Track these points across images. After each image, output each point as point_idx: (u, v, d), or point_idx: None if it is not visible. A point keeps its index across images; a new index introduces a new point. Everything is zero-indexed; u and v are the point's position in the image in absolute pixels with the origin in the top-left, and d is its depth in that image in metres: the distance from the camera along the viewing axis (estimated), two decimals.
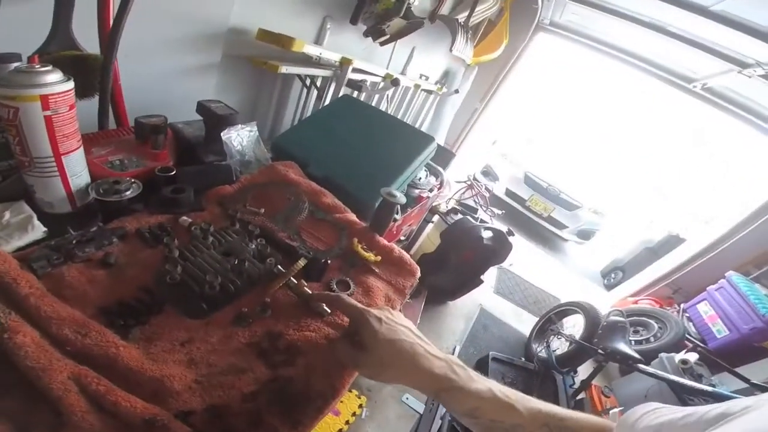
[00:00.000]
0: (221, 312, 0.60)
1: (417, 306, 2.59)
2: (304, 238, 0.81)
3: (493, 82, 4.55)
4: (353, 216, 0.92)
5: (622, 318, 2.27)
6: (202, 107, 0.90)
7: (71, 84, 0.60)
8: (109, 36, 0.84)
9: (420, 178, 1.92)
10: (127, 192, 0.69)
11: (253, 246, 0.70)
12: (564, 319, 2.92)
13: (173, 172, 0.78)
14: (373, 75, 2.31)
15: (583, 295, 3.66)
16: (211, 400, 0.48)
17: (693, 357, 2.42)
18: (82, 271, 0.57)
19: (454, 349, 2.69)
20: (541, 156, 6.04)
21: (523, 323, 3.35)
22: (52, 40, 0.81)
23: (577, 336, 2.46)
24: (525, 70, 4.66)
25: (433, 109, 4.19)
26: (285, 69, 1.58)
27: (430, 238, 2.74)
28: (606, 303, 4.02)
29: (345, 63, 1.92)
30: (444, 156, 3.08)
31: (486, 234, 2.55)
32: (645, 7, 2.99)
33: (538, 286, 4.13)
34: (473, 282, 2.82)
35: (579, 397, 2.25)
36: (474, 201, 3.27)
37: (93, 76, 0.85)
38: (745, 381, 2.09)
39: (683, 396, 2.02)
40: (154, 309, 0.56)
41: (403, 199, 0.86)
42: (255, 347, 0.56)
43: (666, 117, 10.06)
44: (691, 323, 3.22)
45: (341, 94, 1.98)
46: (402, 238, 2.23)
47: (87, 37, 0.86)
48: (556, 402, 0.51)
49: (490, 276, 3.61)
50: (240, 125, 0.92)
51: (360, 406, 1.95)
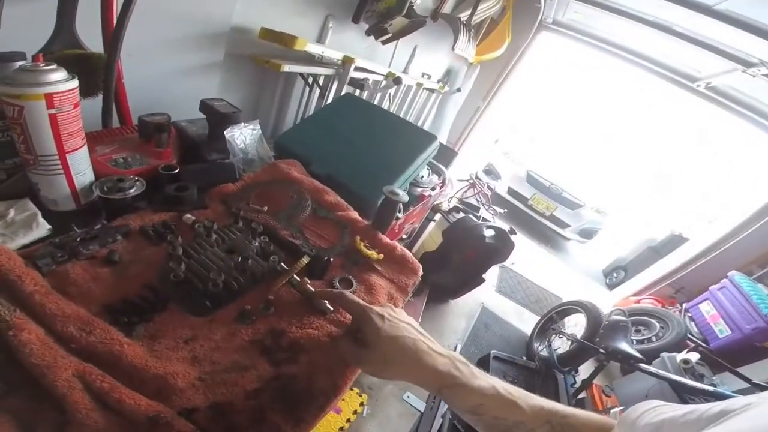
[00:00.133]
0: (225, 309, 0.60)
1: (419, 304, 2.59)
2: (306, 236, 0.81)
3: (496, 80, 4.53)
4: (356, 214, 0.92)
5: (623, 317, 2.27)
6: (205, 106, 0.90)
7: (75, 82, 0.60)
8: (113, 35, 0.84)
9: (422, 176, 1.92)
10: (131, 190, 0.70)
11: (257, 244, 0.70)
12: (565, 318, 2.92)
13: (177, 170, 0.79)
14: (376, 73, 2.31)
15: (585, 295, 3.66)
16: (215, 397, 0.47)
17: (694, 357, 2.42)
18: (86, 269, 0.57)
19: (455, 348, 2.68)
20: (544, 154, 6.04)
21: (525, 322, 3.35)
22: (55, 39, 0.81)
23: (579, 335, 2.46)
24: (528, 68, 4.63)
25: (435, 108, 4.17)
26: (287, 68, 1.58)
27: (432, 236, 2.74)
28: (608, 302, 4.02)
29: (347, 61, 1.91)
30: (446, 154, 3.07)
31: (488, 232, 2.54)
32: (648, 6, 2.97)
33: (539, 285, 4.13)
34: (475, 280, 2.82)
35: (580, 396, 2.25)
36: (476, 200, 3.27)
37: (97, 74, 0.85)
38: (747, 381, 2.09)
39: (684, 396, 2.02)
40: (157, 306, 0.56)
41: (406, 198, 0.86)
42: (258, 345, 0.56)
43: (670, 116, 10.02)
44: (693, 323, 3.21)
45: (343, 92, 1.98)
46: (404, 236, 2.23)
47: (90, 36, 0.86)
48: (557, 401, 0.51)
49: (492, 275, 3.61)
50: (243, 123, 0.92)
51: (361, 404, 1.96)
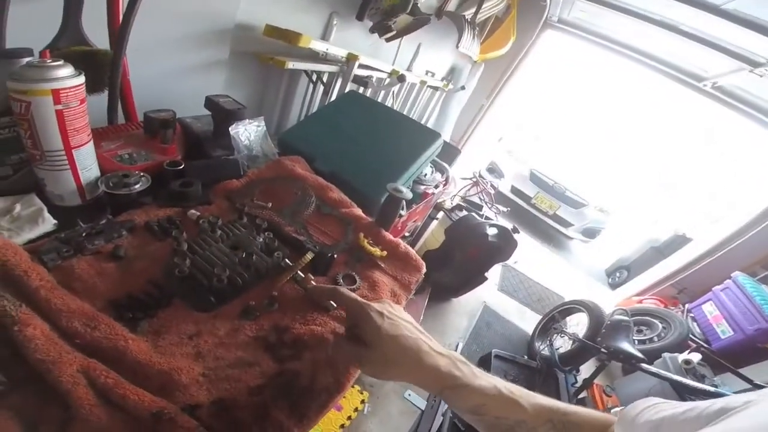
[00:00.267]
0: (229, 305, 0.60)
1: (421, 302, 2.59)
2: (310, 232, 0.81)
3: (500, 78, 4.52)
4: (359, 211, 0.92)
5: (626, 317, 2.27)
6: (210, 102, 0.91)
7: (82, 78, 0.60)
8: (119, 32, 0.85)
9: (425, 174, 1.92)
10: (136, 185, 0.70)
11: (261, 240, 0.70)
12: (567, 318, 2.92)
13: (182, 166, 0.79)
14: (379, 71, 2.31)
15: (588, 294, 3.66)
16: (218, 393, 0.47)
17: (696, 357, 2.42)
18: (91, 264, 0.57)
19: (457, 346, 2.70)
20: (548, 153, 6.03)
21: (527, 321, 3.35)
22: (62, 35, 0.82)
23: (581, 334, 2.46)
24: (532, 67, 4.61)
25: (439, 106, 4.16)
26: (292, 65, 1.58)
27: (434, 234, 2.74)
28: (610, 302, 4.01)
29: (351, 59, 1.91)
30: (449, 152, 3.07)
31: (491, 231, 2.54)
32: (655, 5, 2.95)
33: (542, 284, 4.13)
34: (477, 279, 2.82)
35: (581, 396, 2.25)
36: (479, 198, 3.26)
37: (103, 71, 0.85)
38: (748, 382, 2.09)
39: (685, 396, 2.02)
40: (162, 302, 0.56)
41: (410, 195, 0.86)
42: (262, 341, 0.56)
43: (675, 115, 9.95)
44: (696, 323, 3.21)
45: (347, 89, 1.98)
46: (406, 234, 2.24)
47: (96, 33, 0.87)
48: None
49: (494, 273, 3.60)
50: (247, 120, 0.92)
51: (362, 401, 1.96)
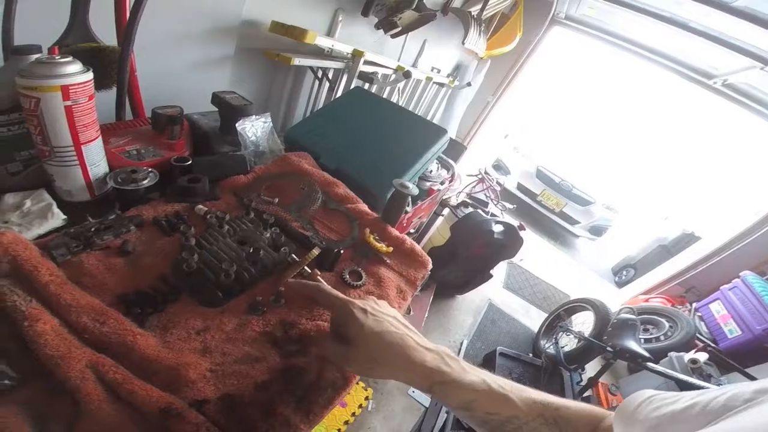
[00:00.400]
0: (236, 300, 0.60)
1: (425, 299, 2.59)
2: (317, 228, 0.81)
3: (506, 75, 4.49)
4: (365, 207, 0.92)
5: (632, 316, 2.25)
6: (217, 98, 0.91)
7: (90, 75, 0.60)
8: (126, 28, 0.85)
9: (431, 170, 1.92)
10: (144, 181, 0.71)
11: (268, 235, 0.70)
12: (573, 316, 2.90)
13: (189, 161, 0.79)
14: (385, 67, 2.30)
15: (594, 292, 3.63)
16: (225, 389, 0.47)
17: (703, 356, 2.40)
18: (100, 259, 0.57)
19: (461, 344, 2.69)
20: (555, 150, 5.98)
21: (532, 319, 3.34)
22: (69, 32, 0.82)
23: (587, 333, 2.44)
24: (539, 63, 4.57)
25: (445, 102, 4.15)
26: (297, 61, 1.58)
27: (439, 231, 2.73)
28: (617, 300, 3.99)
29: (357, 55, 1.91)
30: (455, 149, 3.06)
31: (497, 228, 2.52)
32: (664, 2, 2.91)
33: (548, 282, 4.11)
34: (483, 276, 2.81)
35: (586, 395, 2.24)
36: (485, 195, 3.24)
37: (110, 68, 0.86)
38: None
39: None
40: (170, 297, 0.57)
41: (416, 191, 0.86)
42: (269, 336, 0.56)
43: (684, 113, 9.84)
44: (703, 323, 3.18)
45: (353, 86, 1.98)
46: (411, 230, 2.23)
47: (103, 30, 0.87)
48: None
49: (499, 271, 3.59)
50: (254, 116, 0.92)
51: (366, 398, 1.97)
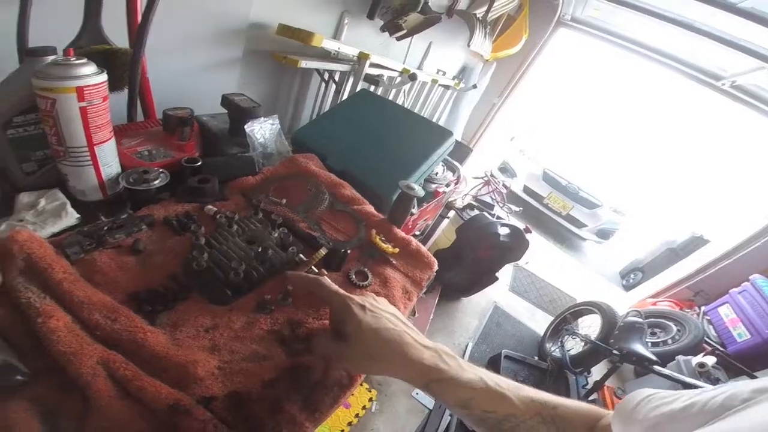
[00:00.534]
0: (244, 299, 0.61)
1: (431, 301, 2.59)
2: (324, 228, 0.82)
3: (512, 77, 4.49)
4: (371, 208, 0.92)
5: (639, 319, 2.23)
6: (226, 100, 0.92)
7: (105, 76, 0.62)
8: (138, 31, 0.86)
9: (437, 172, 1.92)
10: (156, 181, 0.72)
11: (276, 235, 0.70)
12: (580, 319, 2.88)
13: (199, 162, 0.80)
14: (390, 70, 2.31)
15: (601, 296, 3.60)
16: (233, 386, 0.48)
17: (711, 360, 2.37)
18: (112, 258, 0.58)
19: (466, 346, 2.68)
20: (562, 153, 5.94)
21: (538, 322, 3.33)
22: (83, 34, 0.83)
23: (593, 336, 2.43)
24: (545, 65, 4.57)
25: (450, 105, 4.15)
26: (304, 63, 1.60)
27: (445, 233, 2.73)
28: (624, 304, 3.95)
29: (363, 58, 1.92)
30: (461, 151, 3.06)
31: (503, 231, 2.52)
32: (670, 3, 2.90)
33: (554, 285, 4.08)
34: (488, 279, 2.80)
35: (591, 398, 2.23)
36: (491, 197, 3.24)
37: (122, 69, 0.87)
38: None
39: None
40: (180, 295, 0.57)
41: (422, 192, 0.86)
42: (276, 335, 0.57)
43: (693, 115, 9.76)
44: (712, 326, 3.14)
45: (359, 88, 1.99)
46: (417, 232, 2.23)
47: (115, 32, 0.88)
48: None
49: (505, 273, 3.58)
50: (262, 118, 0.93)
51: (370, 399, 1.97)
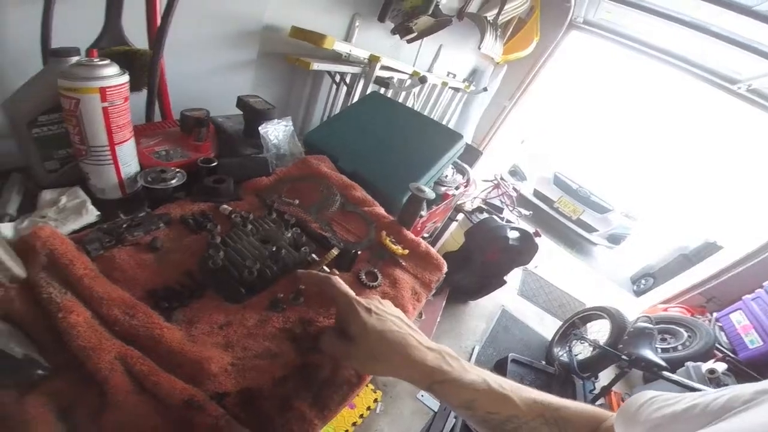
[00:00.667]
0: (258, 297, 0.62)
1: (438, 304, 2.59)
2: (335, 229, 0.83)
3: (523, 80, 4.46)
4: (382, 210, 0.93)
5: (650, 324, 2.21)
6: (242, 102, 0.94)
7: (126, 77, 0.64)
8: (157, 33, 0.88)
9: (446, 175, 1.92)
10: (173, 181, 0.73)
11: (289, 235, 0.72)
12: (588, 324, 2.86)
13: (215, 163, 0.82)
14: (401, 72, 2.32)
15: (611, 301, 3.56)
16: (245, 383, 0.49)
17: (721, 367, 2.34)
18: (131, 254, 0.60)
19: (473, 350, 2.68)
20: (573, 156, 5.89)
21: (546, 327, 3.30)
22: (104, 35, 0.85)
23: (602, 341, 2.40)
24: (557, 68, 4.53)
25: (460, 107, 4.14)
26: (316, 65, 1.61)
27: (454, 236, 2.72)
28: (635, 309, 3.90)
29: (373, 60, 1.93)
30: (471, 154, 3.05)
31: (512, 234, 2.51)
32: (684, 6, 2.86)
33: (563, 289, 4.04)
34: (496, 282, 2.79)
35: (598, 403, 2.20)
36: (500, 201, 3.22)
37: (142, 70, 0.89)
38: None
39: None
40: (196, 293, 0.59)
41: (432, 195, 0.87)
42: (288, 333, 0.58)
43: (707, 118, 9.60)
44: (723, 333, 3.08)
45: (369, 90, 2.00)
46: (426, 235, 2.24)
47: (133, 33, 0.90)
48: None
49: (514, 277, 3.56)
50: (276, 120, 0.95)
51: (375, 400, 1.97)
